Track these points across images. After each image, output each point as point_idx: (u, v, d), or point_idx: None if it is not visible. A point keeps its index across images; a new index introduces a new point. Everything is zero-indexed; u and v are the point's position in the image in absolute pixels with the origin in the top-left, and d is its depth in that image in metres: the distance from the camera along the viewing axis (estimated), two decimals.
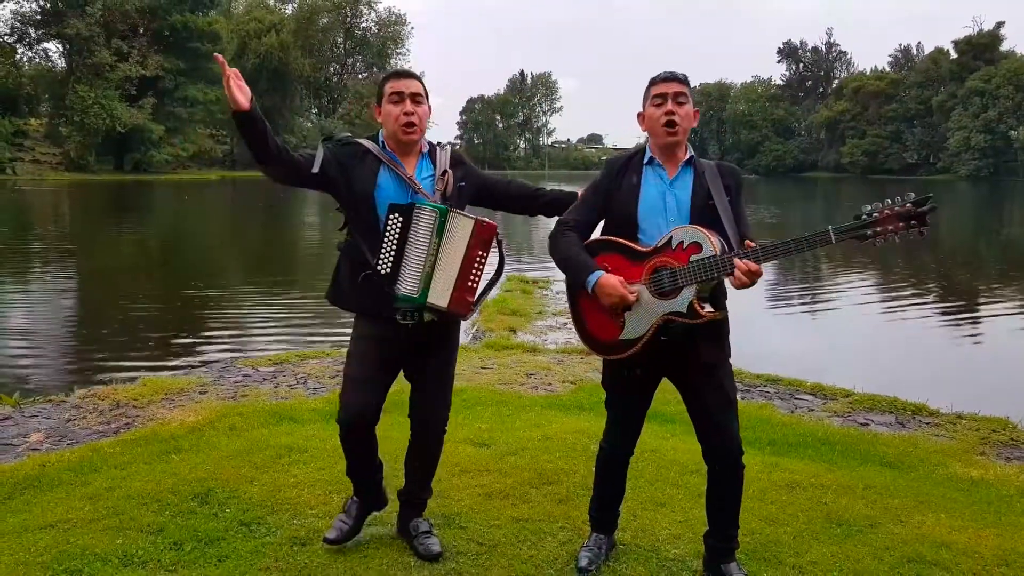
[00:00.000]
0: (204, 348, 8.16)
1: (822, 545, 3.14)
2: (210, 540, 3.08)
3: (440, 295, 2.79)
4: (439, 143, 3.01)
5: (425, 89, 2.91)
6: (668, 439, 4.33)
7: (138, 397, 5.45)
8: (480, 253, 2.80)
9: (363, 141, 2.90)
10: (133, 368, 6.96)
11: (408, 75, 2.92)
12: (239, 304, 11.14)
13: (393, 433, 3.69)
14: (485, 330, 8.38)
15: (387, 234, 2.77)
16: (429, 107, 2.92)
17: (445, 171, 2.89)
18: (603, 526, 3.03)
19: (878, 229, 2.42)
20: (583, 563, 2.89)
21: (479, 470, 3.85)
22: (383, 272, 2.77)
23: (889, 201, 2.43)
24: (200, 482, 3.64)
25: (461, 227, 2.79)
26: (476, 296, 2.85)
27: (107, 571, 2.85)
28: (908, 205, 2.39)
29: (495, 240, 2.86)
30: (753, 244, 2.54)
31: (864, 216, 2.44)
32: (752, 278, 2.50)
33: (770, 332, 9.72)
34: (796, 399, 5.81)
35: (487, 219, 2.83)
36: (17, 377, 6.93)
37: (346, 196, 2.86)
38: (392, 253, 2.77)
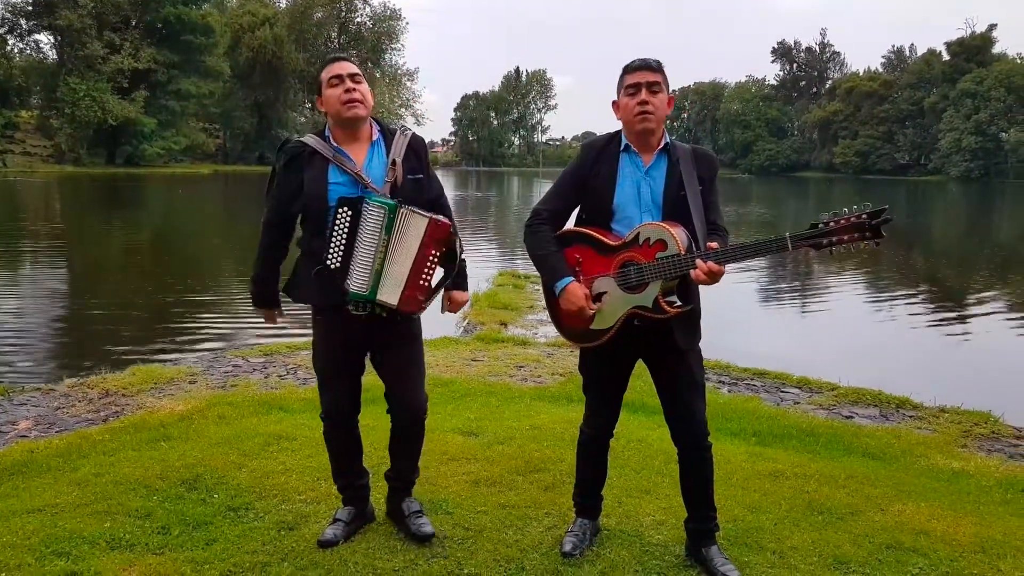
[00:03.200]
0: (195, 338, 8.18)
1: (803, 532, 3.18)
2: (198, 524, 3.11)
3: (390, 293, 2.76)
4: (401, 127, 2.93)
5: (362, 72, 2.88)
6: (654, 429, 4.37)
7: (127, 386, 5.46)
8: (433, 252, 2.77)
9: (307, 140, 2.83)
10: (123, 358, 6.96)
11: (343, 58, 2.89)
12: (230, 295, 11.13)
13: (381, 422, 3.72)
14: (476, 323, 8.41)
15: (336, 228, 2.73)
16: (372, 91, 2.88)
17: (394, 161, 2.81)
18: (587, 511, 3.07)
19: (834, 239, 2.46)
20: (567, 548, 2.93)
21: (467, 458, 3.88)
22: (333, 267, 2.74)
23: (846, 210, 2.46)
24: (188, 468, 3.66)
25: (414, 225, 2.75)
26: (427, 294, 2.81)
27: (95, 554, 2.86)
28: (863, 216, 2.43)
29: (451, 239, 2.82)
30: (715, 245, 2.58)
31: (820, 225, 2.48)
32: (713, 278, 2.55)
33: (759, 327, 9.79)
34: (782, 392, 5.87)
35: (442, 217, 2.79)
36: (6, 366, 6.93)
37: (302, 200, 2.81)
38: (341, 248, 2.73)
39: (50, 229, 19.72)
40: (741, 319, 9.73)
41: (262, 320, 3.10)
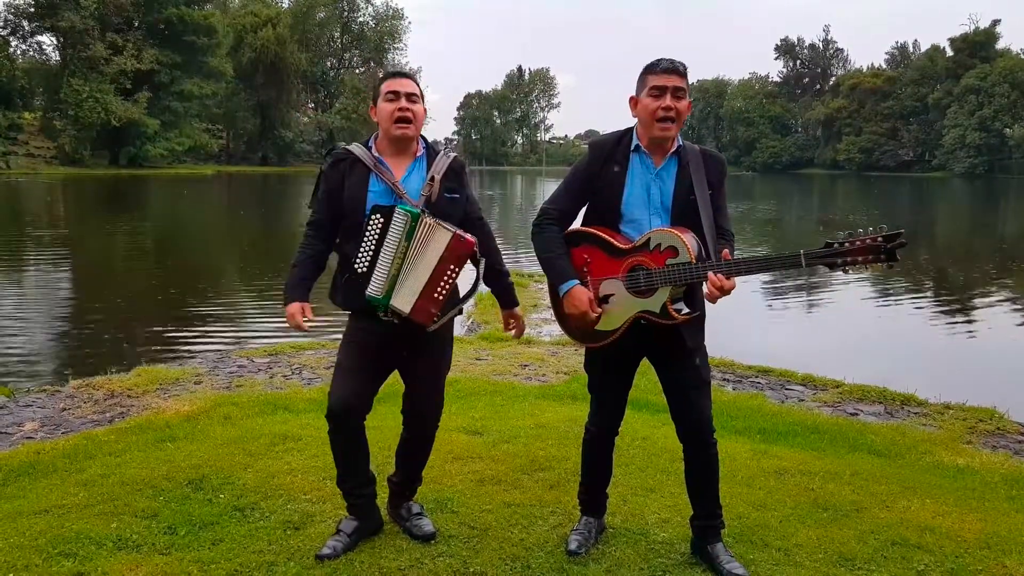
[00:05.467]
0: (199, 339, 8.19)
1: (808, 529, 3.18)
2: (204, 524, 3.11)
3: (404, 300, 2.78)
4: (445, 149, 2.99)
5: (421, 91, 2.93)
6: (659, 427, 4.38)
7: (133, 387, 5.47)
8: (452, 267, 2.77)
9: (352, 148, 2.90)
10: (128, 359, 6.98)
11: (404, 75, 2.95)
12: (235, 296, 11.16)
13: (387, 423, 3.73)
14: (480, 322, 8.42)
15: (367, 234, 2.79)
16: (425, 109, 2.94)
17: (433, 177, 2.86)
18: (592, 509, 3.07)
19: (848, 259, 2.47)
20: (573, 546, 2.93)
21: (472, 457, 3.89)
22: (359, 271, 2.80)
23: (861, 231, 2.47)
24: (194, 469, 3.67)
25: (437, 237, 2.76)
26: (441, 309, 2.81)
27: (101, 554, 2.87)
28: (880, 240, 2.43)
29: (473, 258, 2.82)
30: (729, 255, 2.58)
31: (836, 244, 2.49)
32: (724, 293, 2.55)
33: (763, 325, 9.78)
34: (787, 389, 5.86)
35: (466, 234, 2.78)
36: (12, 367, 6.95)
37: (341, 204, 2.88)
38: (369, 254, 2.79)
39: (54, 230, 19.77)
40: (745, 317, 9.72)
41: (288, 325, 2.99)
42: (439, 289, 2.78)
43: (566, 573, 2.81)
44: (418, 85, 2.93)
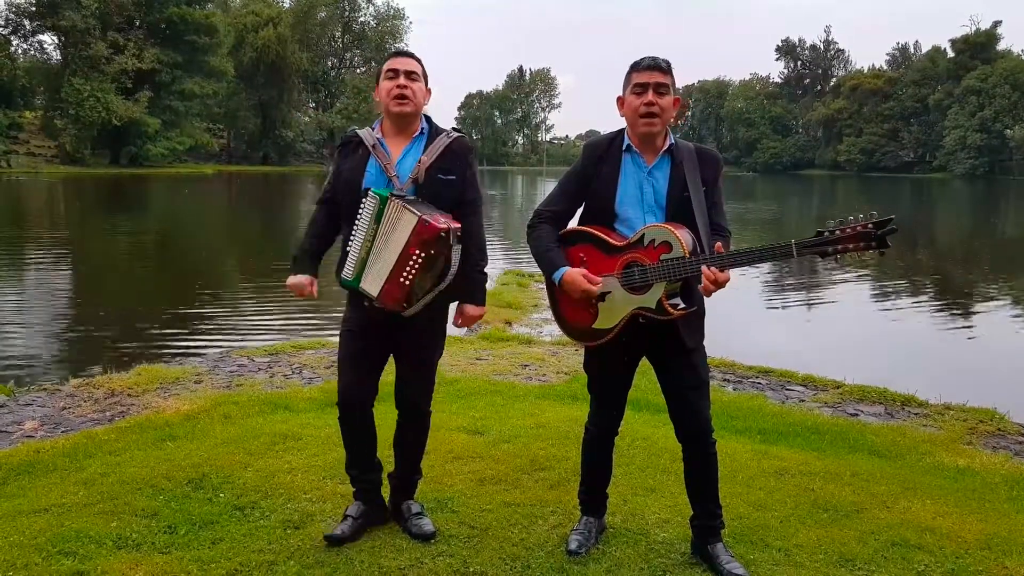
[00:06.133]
0: (200, 338, 8.19)
1: (808, 529, 3.18)
2: (204, 523, 3.11)
3: (371, 283, 2.80)
4: (452, 130, 2.96)
5: (424, 71, 2.93)
6: (659, 427, 4.37)
7: (133, 386, 5.46)
8: (417, 252, 2.72)
9: (360, 131, 2.95)
10: (128, 358, 6.97)
11: (405, 54, 2.96)
12: (235, 295, 11.16)
13: (387, 422, 3.72)
14: (480, 322, 8.41)
15: (358, 216, 2.82)
16: (428, 90, 2.95)
17: (421, 160, 2.86)
18: (592, 508, 3.07)
19: (839, 247, 2.47)
20: (573, 546, 2.93)
21: (472, 456, 3.89)
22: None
23: (852, 219, 2.47)
24: (194, 468, 3.67)
25: (404, 221, 2.74)
26: (408, 294, 2.77)
27: (101, 553, 2.87)
28: (870, 226, 2.43)
29: (445, 243, 2.75)
30: (722, 247, 2.58)
31: (826, 232, 2.49)
32: (718, 286, 2.56)
33: (764, 325, 9.78)
34: (787, 390, 5.85)
35: (436, 219, 2.72)
36: (12, 366, 6.95)
37: (340, 185, 2.93)
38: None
39: (55, 229, 19.77)
40: (746, 317, 9.72)
41: (293, 294, 3.02)
42: (405, 274, 2.75)
43: (566, 573, 2.81)
44: (420, 64, 2.93)
